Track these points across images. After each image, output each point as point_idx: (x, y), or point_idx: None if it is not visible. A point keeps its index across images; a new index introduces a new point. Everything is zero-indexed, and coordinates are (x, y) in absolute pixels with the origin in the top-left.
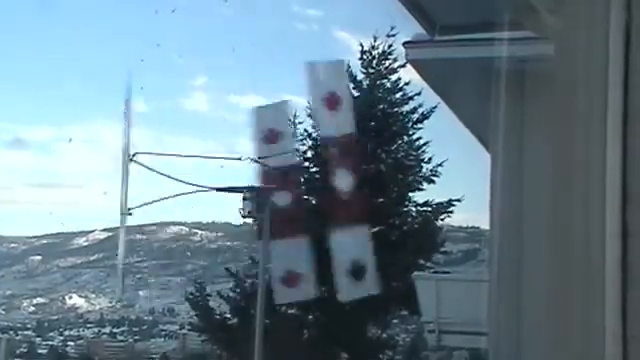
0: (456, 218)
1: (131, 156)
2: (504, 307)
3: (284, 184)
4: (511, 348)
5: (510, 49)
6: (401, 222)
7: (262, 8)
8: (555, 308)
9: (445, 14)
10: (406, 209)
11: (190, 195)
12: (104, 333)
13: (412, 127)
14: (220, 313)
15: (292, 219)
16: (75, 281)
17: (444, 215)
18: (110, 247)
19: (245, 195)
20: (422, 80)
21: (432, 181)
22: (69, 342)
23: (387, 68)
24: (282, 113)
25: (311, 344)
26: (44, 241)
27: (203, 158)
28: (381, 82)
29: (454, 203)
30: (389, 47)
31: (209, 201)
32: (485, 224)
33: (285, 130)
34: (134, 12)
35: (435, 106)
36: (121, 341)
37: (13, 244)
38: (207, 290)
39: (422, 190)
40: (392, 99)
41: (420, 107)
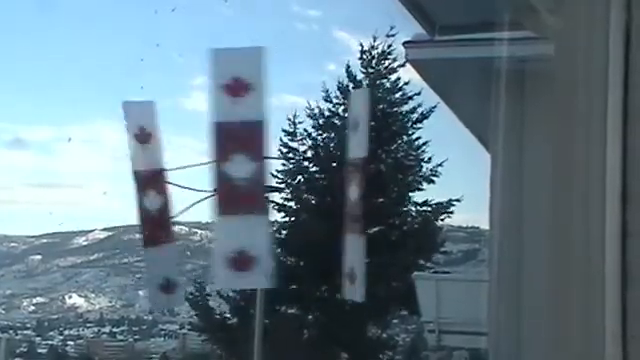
0: (456, 218)
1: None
2: (504, 307)
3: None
4: (511, 348)
5: (510, 49)
6: (401, 222)
7: (262, 8)
8: (555, 308)
9: (445, 14)
10: (406, 209)
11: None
12: (104, 333)
13: (412, 127)
14: (220, 313)
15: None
16: (75, 280)
17: (444, 215)
18: (110, 247)
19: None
20: (422, 80)
21: (432, 181)
22: (69, 342)
23: (387, 68)
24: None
25: (311, 344)
26: (44, 240)
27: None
28: (381, 82)
29: (454, 203)
30: (389, 47)
31: (208, 201)
32: (485, 224)
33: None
34: (134, 12)
35: (435, 106)
36: (121, 341)
37: (13, 243)
38: (207, 290)
39: (422, 190)
40: (392, 99)
41: (420, 107)
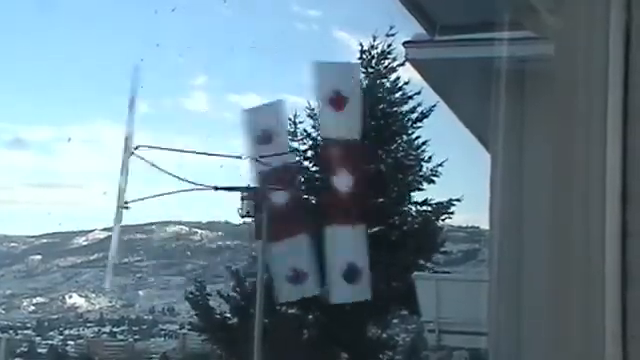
0: (456, 218)
1: (133, 149)
2: (504, 307)
3: (281, 184)
4: (511, 348)
5: (510, 49)
6: (401, 222)
7: (262, 8)
8: (555, 308)
9: (445, 14)
10: (406, 209)
11: (190, 194)
12: (104, 332)
13: (412, 126)
14: (220, 313)
15: (290, 218)
16: (75, 280)
17: (444, 215)
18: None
19: (243, 195)
20: (422, 80)
21: (432, 181)
22: (69, 341)
23: (386, 67)
24: (275, 113)
25: (311, 344)
26: (44, 240)
27: (204, 155)
28: (381, 82)
29: (454, 203)
30: (388, 47)
31: (209, 200)
32: (485, 224)
33: (279, 129)
34: (134, 12)
35: (434, 105)
36: (121, 340)
37: (13, 243)
38: (207, 290)
39: (422, 190)
40: (392, 98)
41: (419, 106)
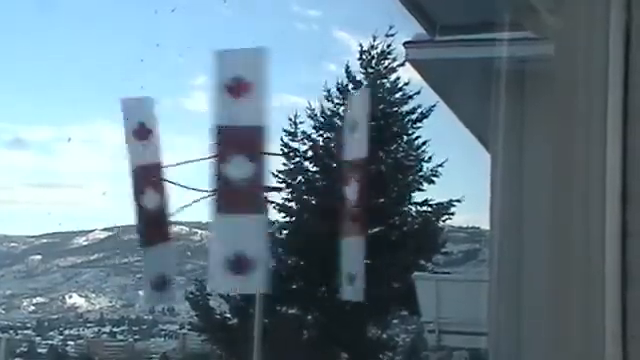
0: (456, 218)
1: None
2: (504, 307)
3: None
4: (511, 348)
5: (510, 49)
6: (401, 222)
7: (262, 8)
8: (555, 308)
9: (445, 14)
10: (406, 209)
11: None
12: (104, 332)
13: (412, 127)
14: (220, 313)
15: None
16: (75, 280)
17: (444, 215)
18: (110, 247)
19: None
20: (422, 80)
21: (432, 181)
22: (69, 341)
23: (386, 68)
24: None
25: (311, 344)
26: (44, 240)
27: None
28: (380, 82)
29: (454, 203)
30: (388, 47)
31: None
32: (485, 224)
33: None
34: (134, 12)
35: (434, 105)
36: (121, 341)
37: (13, 243)
38: (207, 290)
39: (422, 190)
40: (392, 99)
41: (419, 107)
